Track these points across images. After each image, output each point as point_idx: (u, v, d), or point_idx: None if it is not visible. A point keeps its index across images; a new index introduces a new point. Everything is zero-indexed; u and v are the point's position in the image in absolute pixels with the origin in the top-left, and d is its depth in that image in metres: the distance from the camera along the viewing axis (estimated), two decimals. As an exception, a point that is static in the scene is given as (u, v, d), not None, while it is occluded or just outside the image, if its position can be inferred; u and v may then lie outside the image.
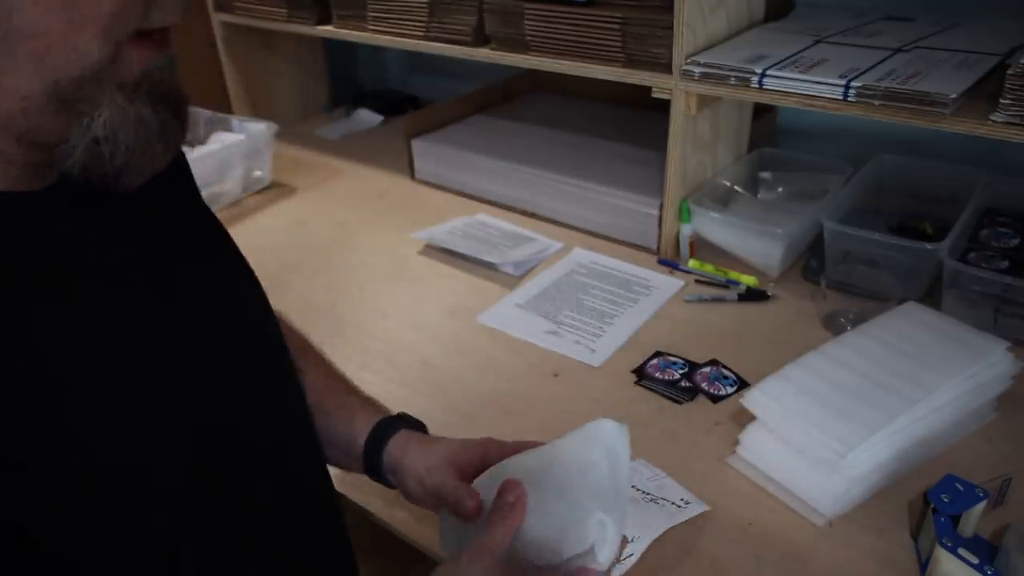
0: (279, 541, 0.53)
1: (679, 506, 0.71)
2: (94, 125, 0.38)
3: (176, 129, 0.42)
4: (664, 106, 1.04)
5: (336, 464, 0.68)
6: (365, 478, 0.68)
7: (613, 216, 1.21)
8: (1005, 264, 0.94)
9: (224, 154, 1.35)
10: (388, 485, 0.66)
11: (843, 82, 0.86)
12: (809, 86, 0.89)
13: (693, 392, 0.88)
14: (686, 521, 0.70)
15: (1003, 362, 0.77)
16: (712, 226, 1.11)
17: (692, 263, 1.12)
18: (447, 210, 1.33)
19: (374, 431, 0.65)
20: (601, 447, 0.56)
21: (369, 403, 0.69)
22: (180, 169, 0.57)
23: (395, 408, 0.72)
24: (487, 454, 0.61)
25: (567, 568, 0.53)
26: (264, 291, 0.59)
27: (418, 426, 0.68)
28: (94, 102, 0.37)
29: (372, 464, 0.65)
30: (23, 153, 0.39)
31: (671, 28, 0.97)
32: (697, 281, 1.09)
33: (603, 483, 0.55)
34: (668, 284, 1.09)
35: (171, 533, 0.43)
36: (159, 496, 0.43)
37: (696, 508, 0.71)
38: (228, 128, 1.45)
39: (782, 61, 0.94)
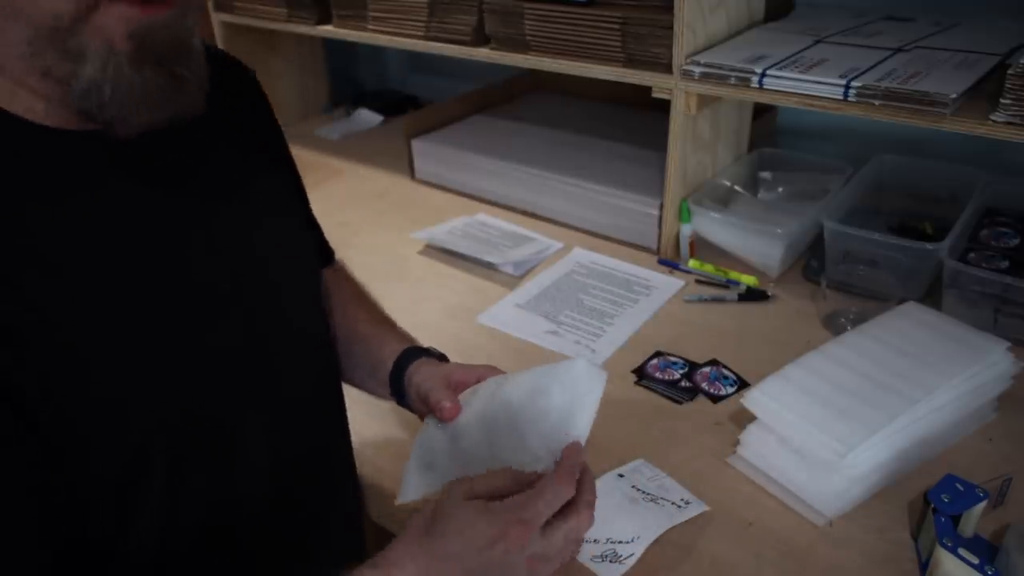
0: (256, 472, 0.57)
1: (679, 506, 0.71)
2: (84, 74, 0.43)
3: (166, 90, 0.45)
4: (664, 106, 1.04)
5: (364, 388, 0.73)
6: (362, 476, 0.68)
7: (613, 216, 1.21)
8: (1005, 264, 0.94)
9: (224, 154, 1.35)
10: (411, 409, 0.70)
11: (843, 82, 0.86)
12: (809, 86, 0.89)
13: (693, 392, 0.88)
14: (686, 521, 0.70)
15: (1003, 362, 0.77)
16: (712, 226, 1.11)
17: (692, 263, 1.12)
18: (447, 210, 1.33)
19: (400, 358, 0.69)
20: (564, 388, 0.59)
21: (401, 334, 0.73)
22: (252, 104, 0.64)
23: (394, 407, 0.72)
24: (482, 378, 0.65)
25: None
26: (305, 232, 0.66)
27: (441, 357, 0.72)
28: (84, 52, 0.42)
29: (396, 388, 0.69)
30: (56, 90, 0.44)
31: (671, 28, 0.97)
32: (697, 281, 1.09)
33: (549, 424, 0.58)
34: (668, 284, 1.09)
35: (148, 444, 0.47)
36: (144, 415, 0.47)
37: (696, 508, 0.71)
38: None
39: (782, 61, 0.94)
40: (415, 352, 0.70)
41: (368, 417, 0.85)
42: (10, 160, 0.44)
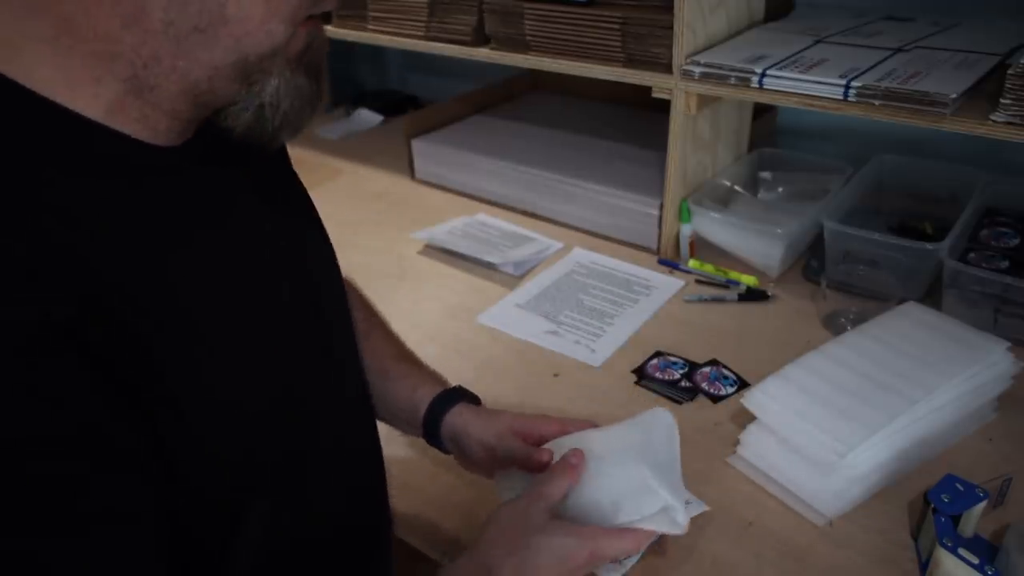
0: (331, 494, 0.57)
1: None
2: (264, 93, 0.44)
3: (320, 95, 0.48)
4: (664, 106, 1.04)
5: (393, 425, 0.74)
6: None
7: (613, 216, 1.21)
8: (1005, 264, 0.94)
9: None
10: (443, 450, 0.72)
11: (843, 82, 0.86)
12: (809, 86, 0.89)
13: (693, 392, 0.88)
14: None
15: (1003, 362, 0.77)
16: (712, 226, 1.11)
17: (692, 263, 1.12)
18: (447, 210, 1.33)
19: (435, 402, 0.70)
20: (660, 429, 0.65)
21: (432, 375, 0.75)
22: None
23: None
24: (542, 426, 0.68)
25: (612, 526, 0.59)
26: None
27: (474, 399, 0.74)
28: (267, 73, 0.43)
29: (430, 431, 0.70)
30: (194, 111, 0.44)
31: (671, 28, 0.97)
32: (697, 281, 1.09)
33: (660, 459, 0.63)
34: (668, 284, 1.09)
35: (250, 480, 0.46)
36: (254, 442, 0.46)
37: (696, 508, 0.71)
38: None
39: (782, 61, 0.94)
40: (449, 397, 0.71)
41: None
42: (143, 200, 0.43)
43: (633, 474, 0.61)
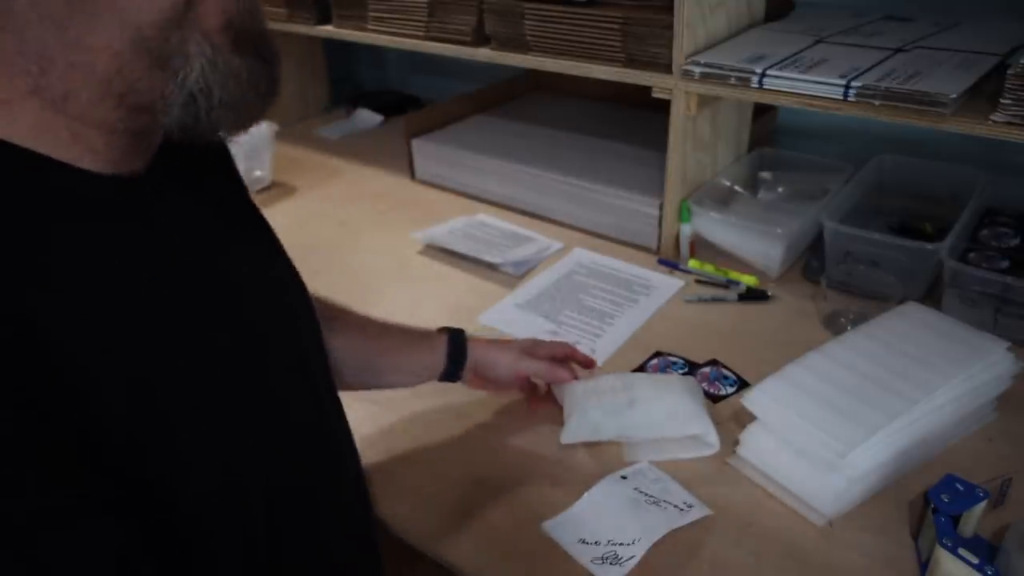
0: (310, 524, 0.54)
1: (682, 509, 0.71)
2: (188, 80, 0.38)
3: (268, 76, 0.42)
4: (664, 106, 1.04)
5: (405, 385, 0.80)
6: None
7: (613, 216, 1.21)
8: (1005, 264, 0.94)
9: (224, 154, 1.35)
10: (452, 381, 0.81)
11: (843, 82, 0.86)
12: (809, 86, 0.89)
13: (693, 392, 0.88)
14: (686, 521, 0.70)
15: (1003, 362, 0.77)
16: (712, 226, 1.11)
17: (692, 263, 1.12)
18: (447, 210, 1.33)
19: (451, 345, 0.79)
20: (688, 382, 0.83)
21: (427, 333, 0.81)
22: (226, 154, 0.58)
23: (394, 407, 0.71)
24: (546, 347, 0.84)
25: None
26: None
27: (463, 332, 0.82)
28: (183, 53, 0.38)
29: (452, 370, 0.80)
30: (124, 120, 0.39)
31: (671, 28, 0.97)
32: (697, 281, 1.09)
33: (696, 396, 0.81)
34: (668, 284, 1.09)
35: (208, 516, 0.43)
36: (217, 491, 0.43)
37: (699, 511, 0.71)
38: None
39: (782, 61, 0.94)
40: (456, 339, 0.80)
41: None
42: (50, 217, 0.38)
43: (676, 400, 0.79)
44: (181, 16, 0.37)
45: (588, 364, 0.87)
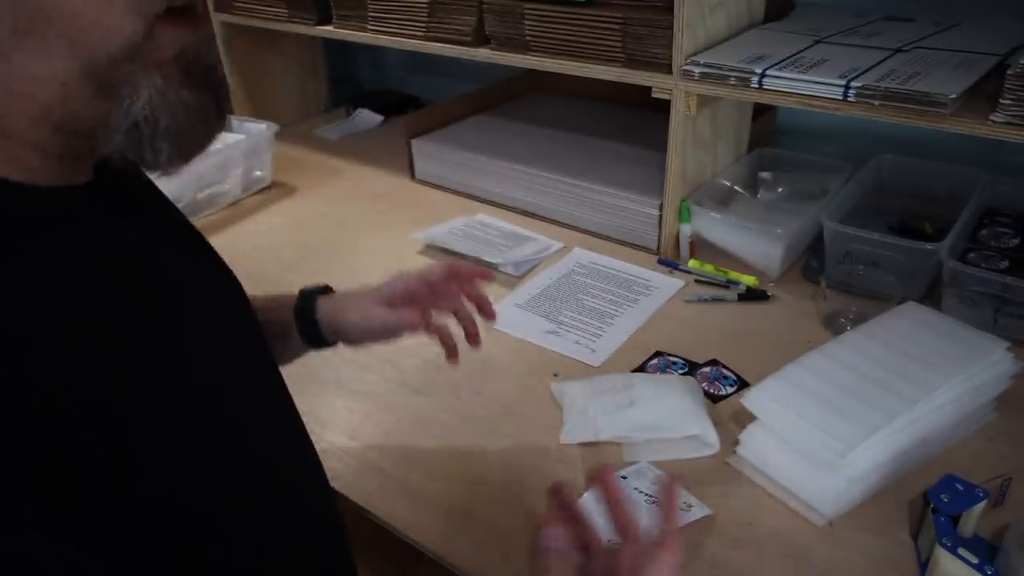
0: (273, 540, 0.53)
1: (682, 510, 0.71)
2: (134, 108, 0.38)
3: (216, 111, 0.42)
4: (664, 106, 1.04)
5: (285, 359, 0.72)
6: (363, 478, 0.68)
7: (613, 216, 1.21)
8: (1005, 264, 0.94)
9: (225, 154, 1.35)
10: (330, 346, 0.72)
11: (843, 82, 0.86)
12: (809, 86, 0.89)
13: (693, 392, 0.88)
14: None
15: (1003, 362, 0.77)
16: (712, 226, 1.11)
17: (692, 263, 1.12)
18: (447, 210, 1.33)
19: (298, 308, 0.70)
20: (687, 383, 0.84)
21: (287, 295, 0.73)
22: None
23: (394, 407, 0.71)
24: (401, 285, 0.71)
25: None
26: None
27: (328, 289, 0.74)
28: (132, 83, 0.37)
29: (311, 337, 0.71)
30: (61, 144, 0.39)
31: (671, 28, 0.97)
32: (697, 281, 1.09)
33: (696, 397, 0.82)
34: (668, 284, 1.09)
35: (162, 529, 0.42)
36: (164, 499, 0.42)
37: (699, 512, 0.71)
38: (228, 128, 1.45)
39: (782, 61, 0.94)
40: (307, 299, 0.71)
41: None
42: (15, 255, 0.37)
43: (675, 400, 0.80)
44: (136, 50, 0.37)
45: (484, 276, 0.74)
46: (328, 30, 1.37)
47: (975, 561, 0.59)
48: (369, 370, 0.94)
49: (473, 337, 0.75)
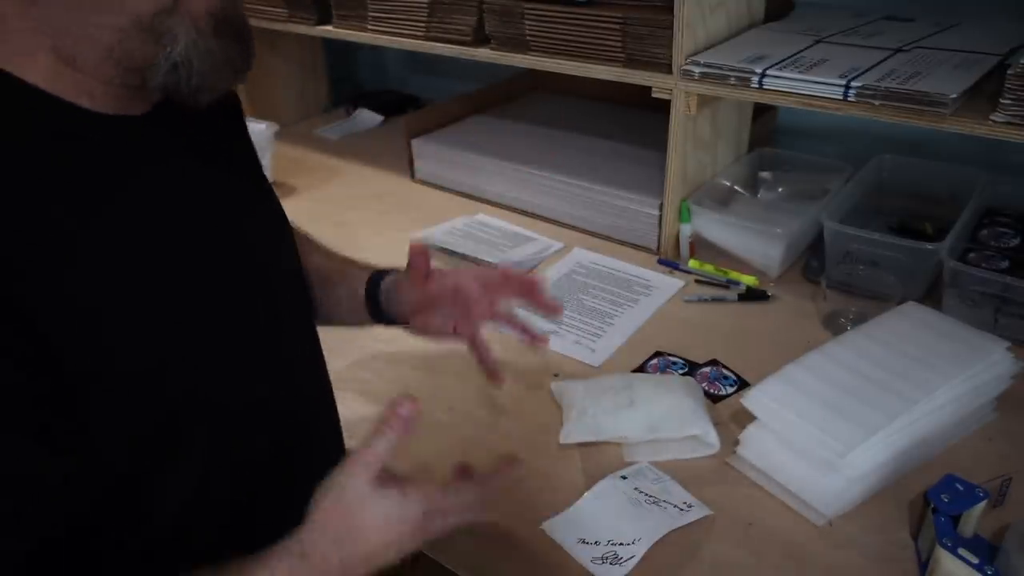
0: (287, 441, 0.61)
1: (682, 509, 0.71)
2: (174, 53, 0.47)
3: (240, 56, 0.51)
4: (664, 106, 1.04)
5: (345, 323, 0.78)
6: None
7: (613, 216, 1.21)
8: (1005, 264, 0.94)
9: (224, 154, 1.35)
10: (394, 323, 0.76)
11: (843, 82, 0.86)
12: (809, 86, 0.89)
13: (693, 392, 0.87)
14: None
15: (1003, 362, 0.77)
16: (712, 226, 1.11)
17: (692, 263, 1.12)
18: (447, 210, 1.33)
19: (369, 282, 0.75)
20: (688, 382, 0.85)
21: (367, 266, 0.78)
22: (236, 110, 0.66)
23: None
24: (456, 274, 0.74)
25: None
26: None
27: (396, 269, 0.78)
28: (173, 33, 0.47)
29: (374, 308, 0.75)
30: (120, 75, 0.48)
31: (671, 28, 0.97)
32: (697, 281, 1.09)
33: (696, 396, 0.82)
34: (668, 284, 1.09)
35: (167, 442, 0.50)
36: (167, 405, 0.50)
37: (699, 512, 0.71)
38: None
39: (782, 61, 0.94)
40: (379, 273, 0.75)
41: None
42: (55, 147, 0.47)
43: (675, 401, 0.79)
44: (172, 6, 0.46)
45: (551, 309, 0.74)
46: (328, 30, 1.37)
47: (975, 561, 0.59)
48: (368, 370, 0.94)
49: (535, 339, 0.76)
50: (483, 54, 1.18)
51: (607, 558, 0.67)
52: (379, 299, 0.74)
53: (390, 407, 0.53)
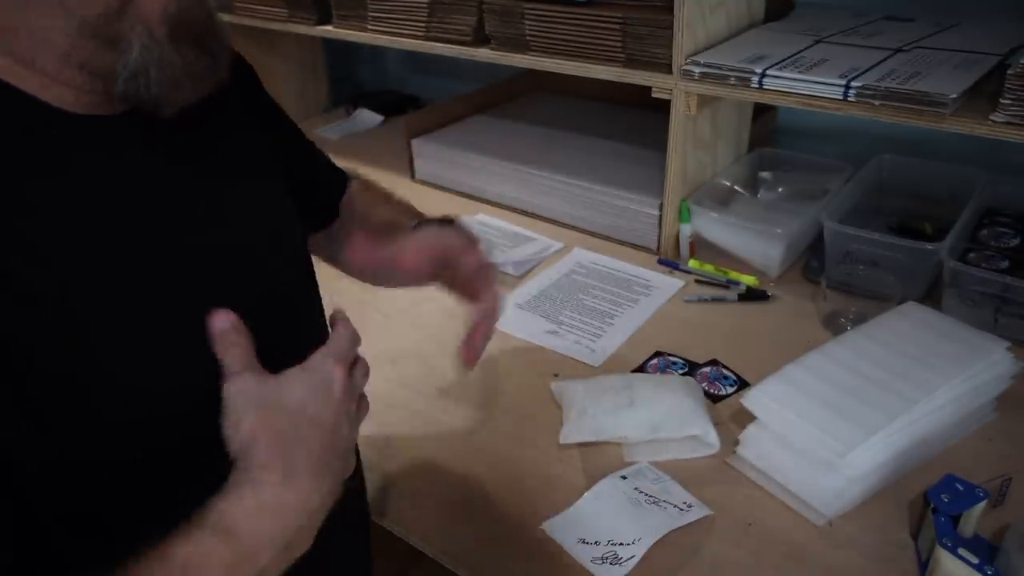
0: None
1: (681, 509, 0.71)
2: (130, 60, 0.44)
3: (204, 66, 0.47)
4: (664, 106, 1.04)
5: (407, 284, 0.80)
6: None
7: (613, 216, 1.21)
8: (1005, 264, 0.94)
9: (224, 154, 1.35)
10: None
11: (843, 82, 0.86)
12: (809, 86, 0.89)
13: (693, 392, 0.88)
14: (686, 521, 0.70)
15: (1003, 362, 0.77)
16: (712, 226, 1.11)
17: (692, 263, 1.12)
18: (447, 210, 1.32)
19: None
20: (688, 382, 0.85)
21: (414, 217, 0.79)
22: (247, 85, 0.63)
23: (394, 407, 0.71)
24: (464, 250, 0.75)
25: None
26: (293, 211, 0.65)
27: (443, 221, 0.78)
28: (126, 37, 0.44)
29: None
30: (88, 82, 0.45)
31: (671, 28, 0.97)
32: (697, 281, 1.09)
33: (697, 397, 0.82)
34: (668, 284, 1.09)
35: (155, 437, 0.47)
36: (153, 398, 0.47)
37: (699, 512, 0.71)
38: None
39: (782, 61, 0.94)
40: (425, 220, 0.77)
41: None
42: (19, 138, 0.44)
43: (676, 401, 0.80)
44: (119, 9, 0.43)
45: (471, 354, 0.70)
46: (328, 30, 1.37)
47: (975, 561, 0.59)
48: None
49: (469, 357, 0.70)
50: (483, 54, 1.18)
51: (607, 558, 0.67)
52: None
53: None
